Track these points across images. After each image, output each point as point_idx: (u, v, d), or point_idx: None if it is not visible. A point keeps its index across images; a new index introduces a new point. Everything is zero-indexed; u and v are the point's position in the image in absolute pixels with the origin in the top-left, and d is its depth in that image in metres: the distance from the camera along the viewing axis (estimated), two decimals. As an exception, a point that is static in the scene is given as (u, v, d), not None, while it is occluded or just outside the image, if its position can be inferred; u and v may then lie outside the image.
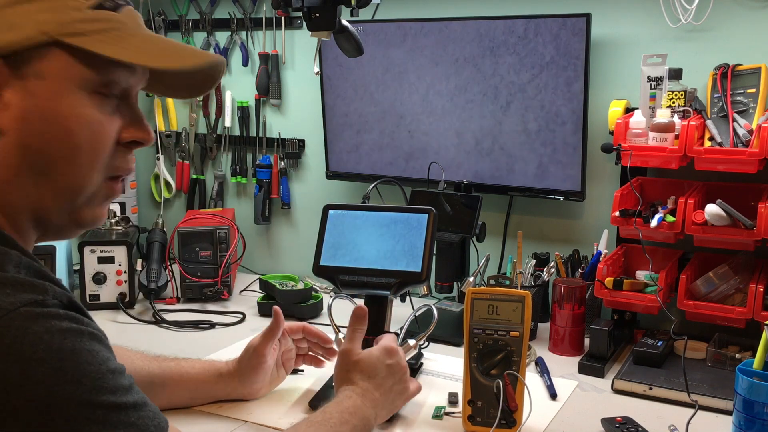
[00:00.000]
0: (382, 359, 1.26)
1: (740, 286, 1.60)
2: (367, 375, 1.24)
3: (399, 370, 1.27)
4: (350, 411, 1.16)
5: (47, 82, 0.77)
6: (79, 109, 0.79)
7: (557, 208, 1.98)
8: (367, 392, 1.21)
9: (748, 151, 1.50)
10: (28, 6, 0.77)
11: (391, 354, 1.27)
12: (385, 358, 1.26)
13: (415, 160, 2.05)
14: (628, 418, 1.35)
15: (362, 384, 1.22)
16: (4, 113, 0.76)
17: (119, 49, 0.79)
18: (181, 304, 2.08)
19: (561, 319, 1.71)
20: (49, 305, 0.73)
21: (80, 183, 0.81)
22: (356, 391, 1.21)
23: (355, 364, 1.25)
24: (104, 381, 0.74)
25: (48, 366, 0.70)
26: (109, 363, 0.76)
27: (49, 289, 0.74)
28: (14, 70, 0.76)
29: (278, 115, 2.35)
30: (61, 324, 0.72)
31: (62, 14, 0.77)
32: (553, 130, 1.85)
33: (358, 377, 1.24)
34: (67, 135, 0.79)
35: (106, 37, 0.79)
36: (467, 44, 1.91)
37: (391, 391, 1.25)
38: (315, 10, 1.57)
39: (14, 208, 0.80)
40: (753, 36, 1.69)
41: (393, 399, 1.27)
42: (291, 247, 2.41)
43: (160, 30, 2.43)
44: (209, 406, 1.44)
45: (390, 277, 1.46)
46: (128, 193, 2.44)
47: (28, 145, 0.78)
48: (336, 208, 1.57)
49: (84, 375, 0.72)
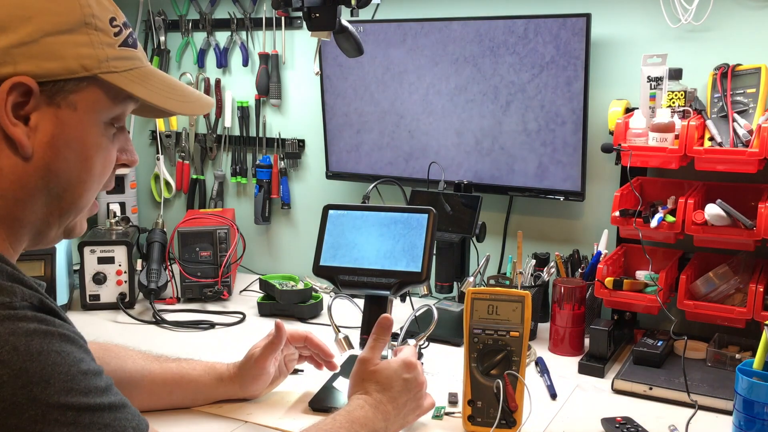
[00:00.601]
0: (400, 372, 1.24)
1: (740, 286, 1.60)
2: (382, 387, 1.22)
3: (416, 386, 1.26)
4: (361, 422, 1.15)
5: (78, 113, 0.81)
6: (98, 138, 0.85)
7: (557, 208, 1.98)
8: (380, 404, 1.20)
9: (748, 151, 1.50)
10: (69, 37, 0.79)
11: (409, 368, 1.25)
12: (403, 372, 1.24)
13: (415, 160, 2.05)
14: (628, 418, 1.35)
15: (376, 395, 1.21)
16: (33, 137, 0.79)
17: (148, 91, 0.86)
18: (181, 304, 2.08)
19: (561, 319, 1.71)
20: (17, 307, 0.72)
21: (84, 203, 0.87)
22: (369, 401, 1.20)
23: (372, 374, 1.24)
24: (74, 382, 0.73)
25: (13, 368, 0.69)
26: (81, 364, 0.75)
27: (18, 292, 0.74)
28: (48, 97, 0.79)
29: (278, 115, 2.35)
30: (28, 326, 0.72)
31: (99, 50, 0.82)
32: (553, 130, 1.85)
33: (372, 388, 1.22)
34: (86, 162, 0.84)
35: (133, 75, 0.85)
36: (467, 44, 1.91)
37: (404, 406, 1.24)
38: (315, 10, 1.57)
39: (19, 223, 0.83)
40: (753, 36, 1.69)
41: (405, 414, 1.25)
42: (291, 247, 2.41)
43: (160, 30, 2.43)
44: (209, 406, 1.44)
45: (390, 277, 1.46)
46: (128, 193, 2.44)
47: (51, 169, 0.81)
48: (336, 208, 1.57)
49: (52, 376, 0.71)
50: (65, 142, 0.81)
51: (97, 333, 1.86)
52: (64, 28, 0.79)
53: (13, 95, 0.76)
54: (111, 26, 0.84)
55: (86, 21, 0.81)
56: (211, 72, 2.42)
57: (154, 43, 2.45)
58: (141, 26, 2.48)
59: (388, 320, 1.31)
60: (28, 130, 0.79)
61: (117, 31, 0.85)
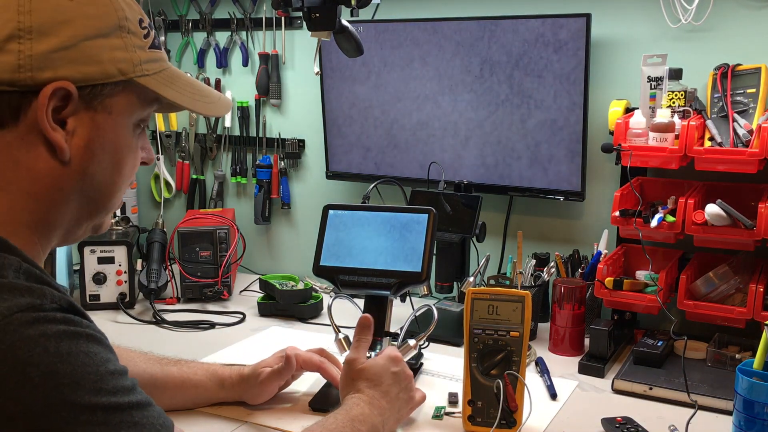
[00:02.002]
0: (388, 367, 1.26)
1: (740, 286, 1.60)
2: (373, 383, 1.24)
3: (404, 378, 1.28)
4: (360, 419, 1.16)
5: (113, 117, 0.82)
6: (129, 140, 0.86)
7: (557, 208, 1.98)
8: (374, 400, 1.21)
9: (748, 151, 1.50)
10: (105, 41, 0.80)
11: (396, 362, 1.28)
12: (390, 366, 1.27)
13: (415, 160, 2.05)
14: (628, 418, 1.35)
15: (368, 392, 1.23)
16: (70, 142, 0.80)
17: (177, 93, 0.87)
18: (181, 304, 2.08)
19: (561, 319, 1.71)
20: (46, 309, 0.73)
21: (115, 204, 0.89)
22: (363, 399, 1.21)
23: (360, 372, 1.25)
24: (103, 382, 0.73)
25: (43, 370, 0.70)
26: (109, 364, 0.75)
27: (47, 293, 0.74)
28: (86, 101, 0.80)
29: (278, 115, 2.35)
30: (57, 327, 0.72)
31: (132, 53, 0.82)
32: (554, 130, 1.85)
33: (364, 385, 1.24)
34: (119, 165, 0.86)
35: (163, 78, 0.86)
36: (467, 44, 1.91)
37: (397, 399, 1.25)
38: (315, 10, 1.57)
39: (52, 226, 0.84)
40: (753, 36, 1.69)
41: (399, 407, 1.27)
42: (291, 247, 2.41)
43: (160, 30, 2.43)
44: (209, 406, 1.44)
45: (390, 277, 1.46)
46: (128, 193, 2.44)
47: (87, 173, 0.82)
48: (336, 208, 1.57)
49: (81, 377, 0.72)
50: (101, 145, 0.82)
51: (97, 333, 1.88)
52: (101, 32, 0.79)
53: (53, 100, 0.77)
54: (141, 28, 0.84)
55: (120, 24, 0.81)
56: (211, 72, 2.42)
57: (154, 43, 2.45)
58: (141, 26, 2.48)
59: (368, 320, 1.33)
60: (66, 134, 0.79)
61: (146, 33, 0.85)
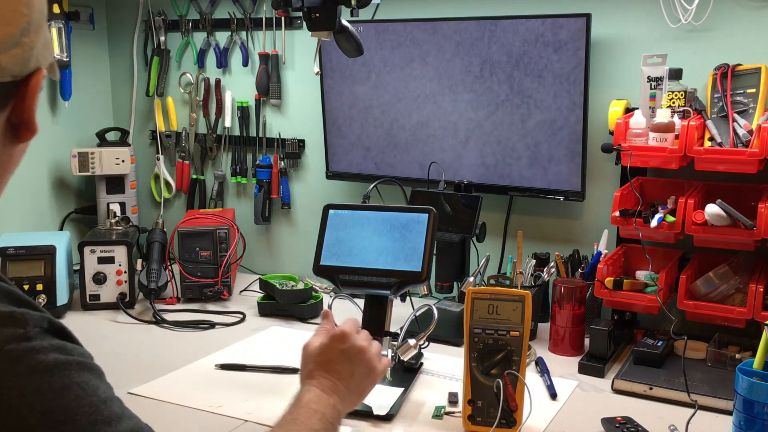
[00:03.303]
0: (335, 346, 1.19)
1: (740, 286, 1.60)
2: (322, 365, 1.17)
3: (355, 354, 1.20)
4: (314, 401, 1.11)
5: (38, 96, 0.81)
6: None
7: (557, 208, 1.98)
8: (323, 382, 1.15)
9: (748, 151, 1.50)
10: (45, 28, 0.80)
11: (342, 339, 1.20)
12: (338, 345, 1.19)
13: (415, 160, 2.05)
14: (628, 418, 1.35)
15: (318, 375, 1.16)
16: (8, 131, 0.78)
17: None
18: (181, 304, 2.08)
19: (561, 319, 1.71)
20: (31, 337, 0.72)
21: None
22: (313, 383, 1.15)
23: (309, 356, 1.20)
24: (98, 413, 0.72)
25: (38, 410, 0.69)
26: (99, 392, 0.74)
27: (29, 319, 0.73)
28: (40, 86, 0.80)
29: (278, 115, 2.35)
30: (47, 358, 0.71)
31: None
32: (554, 130, 1.85)
33: (314, 369, 1.18)
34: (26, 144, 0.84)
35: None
36: (467, 44, 1.91)
37: (352, 375, 1.18)
38: (315, 10, 1.57)
39: None
40: (753, 36, 1.69)
41: (358, 383, 1.20)
42: (291, 247, 2.41)
43: (160, 30, 2.43)
44: (209, 405, 1.44)
45: (390, 277, 1.46)
46: (128, 193, 2.44)
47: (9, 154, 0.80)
48: (336, 207, 1.57)
49: (76, 411, 0.71)
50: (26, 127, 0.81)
51: (97, 333, 1.88)
52: (45, 17, 0.80)
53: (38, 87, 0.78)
54: None
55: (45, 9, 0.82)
56: (211, 72, 2.42)
57: (154, 43, 2.45)
58: (141, 26, 2.48)
59: (328, 313, 1.30)
60: None
61: None
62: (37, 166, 2.36)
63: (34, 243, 1.98)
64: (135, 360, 1.71)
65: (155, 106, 2.48)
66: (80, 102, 2.46)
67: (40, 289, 1.93)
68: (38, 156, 2.35)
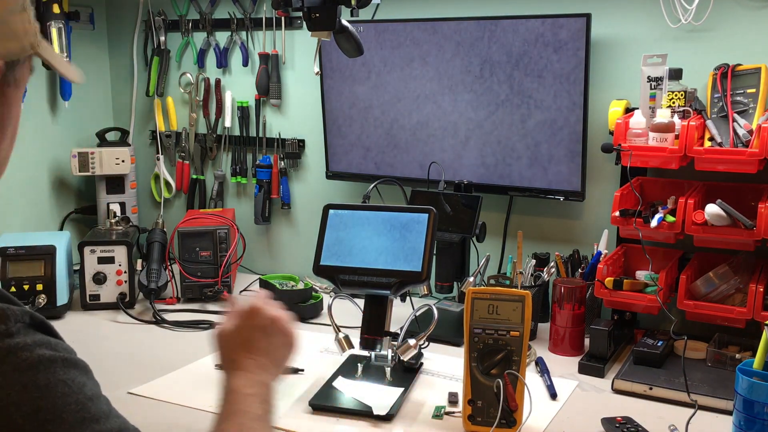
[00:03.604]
0: (248, 324, 1.08)
1: (740, 286, 1.60)
2: (241, 347, 1.07)
3: (270, 325, 1.09)
4: (246, 386, 1.00)
5: (18, 89, 0.80)
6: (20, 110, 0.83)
7: (557, 208, 1.98)
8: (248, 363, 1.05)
9: (748, 151, 1.50)
10: (20, 15, 0.78)
11: (253, 315, 1.09)
12: (251, 322, 1.08)
13: (415, 160, 2.05)
14: (628, 418, 1.35)
15: (241, 358, 1.05)
16: None
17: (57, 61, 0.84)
18: (181, 304, 2.08)
19: (561, 319, 1.71)
20: (13, 333, 0.71)
21: None
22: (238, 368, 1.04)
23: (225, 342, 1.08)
24: (85, 411, 0.72)
25: (25, 409, 0.68)
26: (86, 389, 0.74)
27: (10, 314, 0.72)
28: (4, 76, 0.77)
29: (278, 115, 2.35)
30: (31, 356, 0.71)
31: (34, 26, 0.79)
32: (554, 130, 1.85)
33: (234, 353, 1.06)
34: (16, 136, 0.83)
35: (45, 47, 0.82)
36: (467, 44, 1.91)
37: (273, 347, 1.08)
38: (315, 10, 1.57)
39: None
40: (753, 36, 1.69)
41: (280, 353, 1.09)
42: (291, 247, 2.41)
43: (160, 30, 2.43)
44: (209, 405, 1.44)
45: (390, 277, 1.46)
46: (128, 193, 2.44)
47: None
48: (336, 207, 1.57)
49: (63, 409, 0.70)
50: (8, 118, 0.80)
51: (97, 333, 1.88)
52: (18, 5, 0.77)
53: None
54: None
55: None
56: (211, 72, 2.42)
57: (154, 43, 2.45)
58: (141, 26, 2.48)
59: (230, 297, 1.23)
60: None
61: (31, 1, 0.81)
62: (37, 166, 2.36)
63: (34, 243, 1.98)
64: (135, 360, 1.71)
65: (155, 106, 2.48)
66: (80, 102, 2.46)
67: (40, 289, 1.93)
68: (38, 156, 2.35)
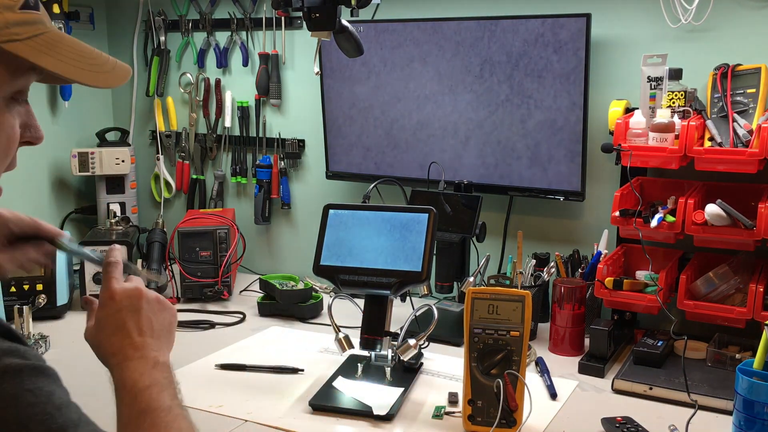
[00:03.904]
0: (110, 307, 0.95)
1: (740, 286, 1.60)
2: (113, 336, 0.93)
3: (134, 299, 0.96)
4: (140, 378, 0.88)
5: None
6: None
7: (557, 208, 1.98)
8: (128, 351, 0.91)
9: (748, 151, 1.50)
10: None
11: (112, 297, 0.95)
12: (112, 305, 0.95)
13: (415, 160, 2.05)
14: (628, 418, 1.35)
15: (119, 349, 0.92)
16: None
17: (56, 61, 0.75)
18: (181, 304, 2.08)
19: (561, 319, 1.71)
20: None
21: None
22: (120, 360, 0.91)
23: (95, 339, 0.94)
24: (52, 420, 0.70)
25: None
26: (54, 398, 0.71)
27: None
28: None
29: (278, 115, 2.35)
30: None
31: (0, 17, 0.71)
32: (553, 130, 1.85)
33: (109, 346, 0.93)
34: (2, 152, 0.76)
35: (38, 43, 0.74)
36: (467, 44, 1.91)
37: (146, 320, 0.95)
38: (315, 10, 1.57)
39: None
40: (753, 36, 1.69)
41: (158, 322, 0.96)
42: (291, 247, 2.41)
43: (160, 30, 2.43)
44: (209, 405, 1.44)
45: (390, 277, 1.46)
46: (128, 193, 2.44)
47: None
48: (336, 207, 1.57)
49: (29, 419, 0.68)
50: None
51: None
52: None
53: None
54: None
55: None
56: (211, 72, 2.42)
57: (154, 43, 2.45)
58: (141, 26, 2.48)
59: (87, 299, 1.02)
60: None
61: None
62: (37, 166, 2.35)
63: (34, 243, 1.98)
64: (135, 360, 1.70)
65: (155, 106, 2.48)
66: (80, 102, 2.46)
67: (40, 289, 1.93)
68: (38, 156, 2.35)
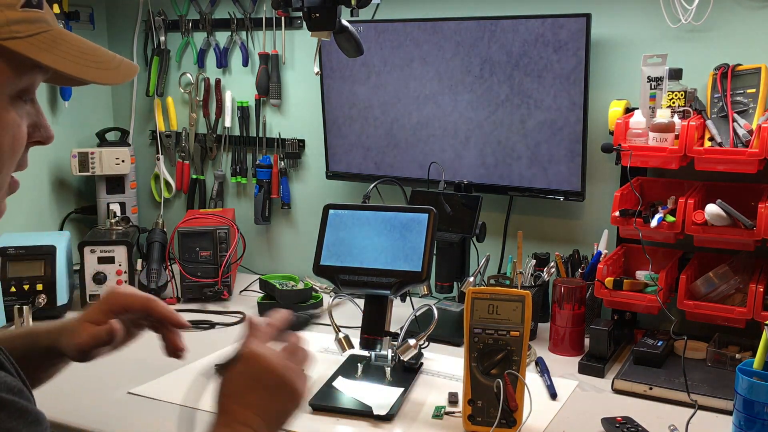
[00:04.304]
0: (244, 371, 0.97)
1: (740, 286, 1.60)
2: (232, 396, 0.95)
3: (269, 378, 0.96)
4: None
5: None
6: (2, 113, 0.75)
7: (557, 208, 1.98)
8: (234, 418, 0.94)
9: (748, 151, 1.50)
10: None
11: (251, 362, 0.97)
12: (247, 369, 0.97)
13: (415, 160, 2.05)
14: (628, 418, 1.35)
15: (228, 411, 0.95)
16: None
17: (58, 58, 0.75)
18: (181, 304, 2.08)
19: (561, 319, 1.71)
20: None
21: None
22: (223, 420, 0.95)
23: (222, 386, 0.98)
24: None
25: None
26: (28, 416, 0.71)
27: None
28: None
29: (278, 115, 2.35)
30: None
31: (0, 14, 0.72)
32: (553, 130, 1.85)
33: (225, 401, 0.97)
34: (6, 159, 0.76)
35: (40, 41, 0.75)
36: (467, 44, 1.91)
37: (268, 403, 0.96)
38: (315, 10, 1.57)
39: None
40: (753, 36, 1.69)
41: (277, 410, 0.97)
42: (291, 247, 2.41)
43: (160, 30, 2.43)
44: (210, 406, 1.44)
45: (390, 277, 1.46)
46: (128, 193, 2.44)
47: None
48: (336, 207, 1.57)
49: None
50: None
51: (97, 333, 1.87)
52: None
53: None
54: None
55: None
56: (211, 72, 2.42)
57: (154, 43, 2.45)
58: (141, 26, 2.48)
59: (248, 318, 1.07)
60: None
61: None
62: (37, 166, 2.35)
63: (34, 243, 1.98)
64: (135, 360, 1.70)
65: (155, 106, 2.48)
66: (80, 102, 2.46)
67: (40, 289, 1.93)
68: (38, 156, 2.34)
